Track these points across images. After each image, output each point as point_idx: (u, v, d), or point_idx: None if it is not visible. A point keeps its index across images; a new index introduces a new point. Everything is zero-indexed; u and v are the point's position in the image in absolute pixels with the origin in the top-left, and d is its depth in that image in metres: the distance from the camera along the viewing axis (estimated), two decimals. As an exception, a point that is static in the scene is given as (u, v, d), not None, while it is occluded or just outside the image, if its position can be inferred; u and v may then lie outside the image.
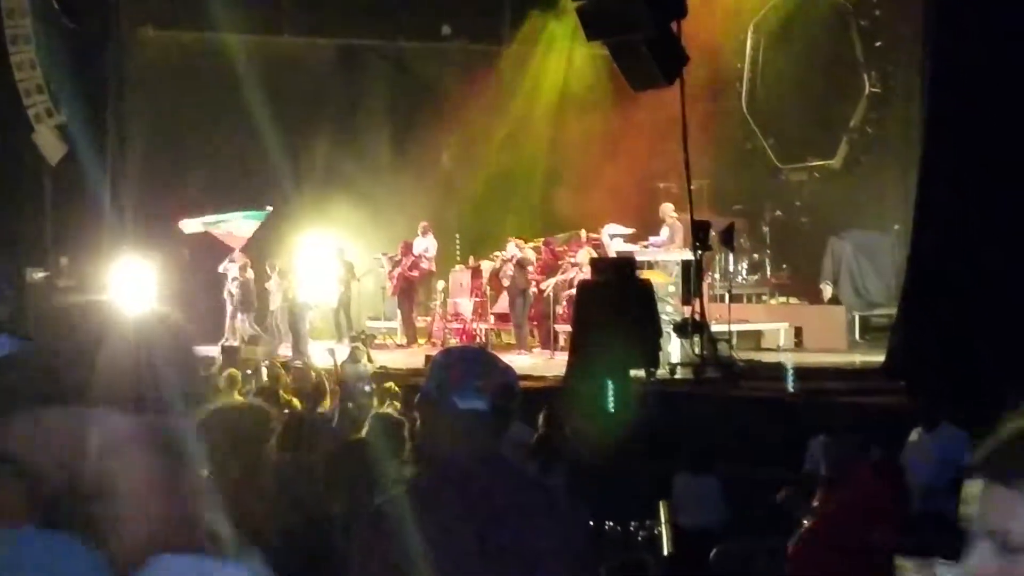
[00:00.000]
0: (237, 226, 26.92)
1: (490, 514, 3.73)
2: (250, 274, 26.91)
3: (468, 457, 3.83)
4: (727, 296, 20.88)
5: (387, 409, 10.35)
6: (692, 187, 18.95)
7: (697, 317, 17.78)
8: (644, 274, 19.60)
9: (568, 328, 21.06)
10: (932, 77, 15.79)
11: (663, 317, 18.49)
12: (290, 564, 5.60)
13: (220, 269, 27.01)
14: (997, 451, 2.12)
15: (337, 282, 26.53)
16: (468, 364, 3.94)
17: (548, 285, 23.26)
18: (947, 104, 15.34)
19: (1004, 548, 2.05)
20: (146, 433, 2.21)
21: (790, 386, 15.89)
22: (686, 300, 18.58)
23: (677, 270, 20.47)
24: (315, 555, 5.56)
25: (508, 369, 4.00)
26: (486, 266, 25.75)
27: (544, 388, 16.20)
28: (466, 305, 26.01)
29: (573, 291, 21.24)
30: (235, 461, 4.50)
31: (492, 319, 25.63)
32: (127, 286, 26.46)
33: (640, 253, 21.62)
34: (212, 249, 27.12)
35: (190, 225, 26.70)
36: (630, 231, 23.17)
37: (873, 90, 25.79)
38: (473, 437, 3.82)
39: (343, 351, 18.78)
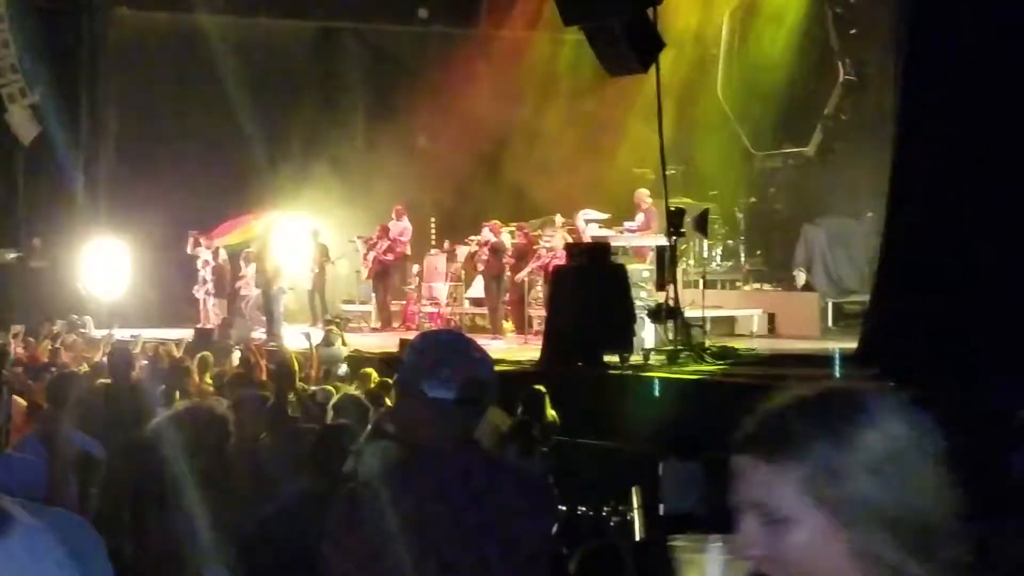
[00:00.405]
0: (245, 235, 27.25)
1: (466, 496, 3.75)
2: (223, 257, 26.90)
3: (442, 441, 3.83)
4: (701, 282, 20.92)
5: (355, 391, 10.32)
6: (667, 173, 18.97)
7: (671, 303, 17.81)
8: (619, 260, 19.63)
9: (543, 313, 21.10)
10: (906, 65, 15.82)
11: (637, 303, 18.51)
12: (267, 552, 5.64)
13: (188, 250, 26.97)
14: (758, 428, 2.21)
15: (312, 265, 26.52)
16: (440, 352, 3.91)
17: (523, 271, 23.27)
18: (920, 92, 15.38)
19: (768, 520, 2.14)
20: None
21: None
22: (660, 286, 18.58)
23: (652, 256, 20.50)
24: (289, 542, 5.57)
25: (482, 360, 3.96)
26: (461, 250, 25.78)
27: (519, 372, 16.21)
28: (441, 289, 26.04)
29: (548, 276, 21.28)
30: (202, 459, 4.51)
31: (467, 303, 25.66)
32: (100, 267, 26.45)
33: (615, 238, 21.64)
34: (185, 230, 27.09)
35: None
36: (605, 216, 23.19)
37: (848, 78, 25.85)
38: (443, 424, 3.82)
39: (318, 334, 18.78)
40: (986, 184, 14.10)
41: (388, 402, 9.84)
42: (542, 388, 12.66)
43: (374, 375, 13.28)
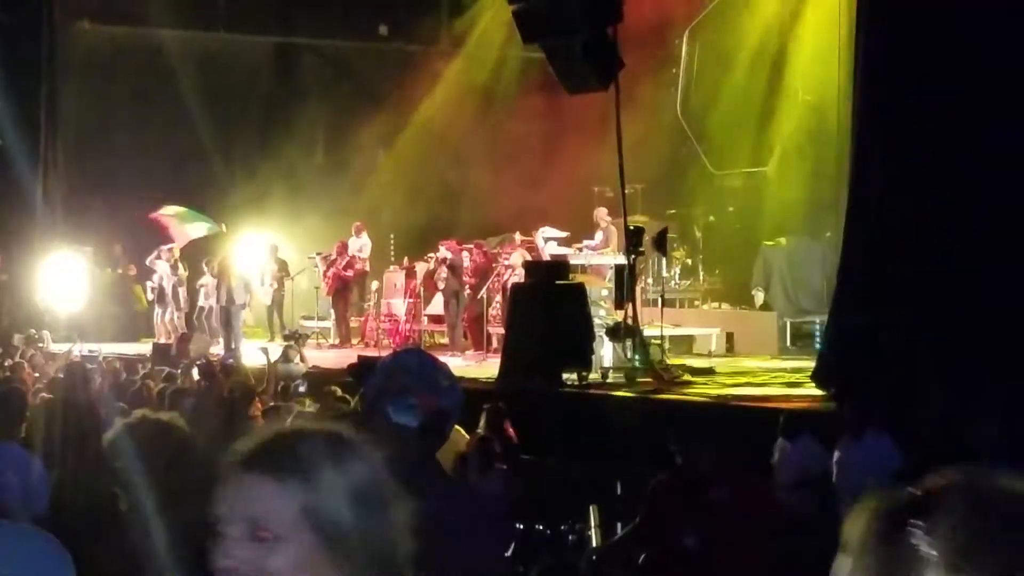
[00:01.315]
0: (191, 226, 26.85)
1: (423, 517, 3.75)
2: (181, 271, 26.81)
3: (400, 461, 3.83)
4: (660, 301, 20.97)
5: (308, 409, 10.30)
6: (626, 191, 19.02)
7: (630, 321, 17.85)
8: (578, 278, 19.66)
9: (501, 330, 21.11)
10: (863, 86, 15.93)
11: (596, 321, 18.54)
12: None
13: (147, 262, 26.86)
14: (269, 447, 2.30)
15: (271, 281, 26.47)
16: (408, 378, 3.88)
17: (482, 288, 23.28)
18: (878, 113, 15.48)
19: (258, 537, 2.21)
20: None
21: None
22: (619, 304, 18.63)
23: (611, 274, 20.54)
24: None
25: (450, 389, 3.92)
26: (420, 267, 25.77)
27: (477, 390, 16.21)
28: (399, 306, 26.03)
29: (507, 293, 21.30)
30: (158, 472, 4.49)
31: (425, 320, 25.65)
32: (58, 281, 26.32)
33: (574, 256, 21.68)
34: (144, 244, 26.99)
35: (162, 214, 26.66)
36: (564, 234, 23.24)
37: (806, 98, 25.95)
38: (403, 448, 3.81)
39: (276, 350, 18.73)
40: (943, 204, 14.21)
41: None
42: (502, 405, 12.66)
43: (338, 392, 13.24)
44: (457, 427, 11.09)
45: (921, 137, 14.52)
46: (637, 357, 17.60)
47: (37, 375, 17.41)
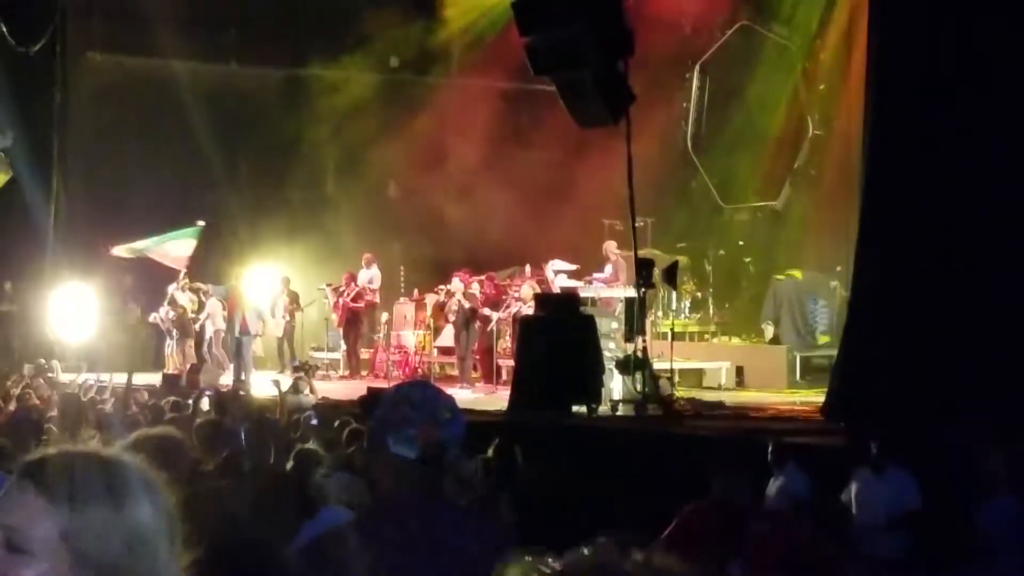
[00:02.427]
0: (173, 246, 26.76)
1: (429, 547, 3.75)
2: (189, 300, 26.84)
3: (406, 492, 3.83)
4: (670, 334, 20.95)
5: (312, 445, 10.27)
6: (637, 224, 19.01)
7: (639, 354, 17.82)
8: (588, 311, 19.65)
9: (511, 362, 21.08)
10: (874, 120, 15.94)
11: (606, 354, 18.52)
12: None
13: (168, 290, 26.88)
14: (49, 463, 2.25)
15: (282, 312, 26.47)
16: (412, 408, 3.88)
17: (492, 320, 23.26)
18: (887, 149, 15.49)
19: (10, 546, 2.17)
20: None
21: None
22: (629, 337, 18.61)
23: (620, 307, 20.53)
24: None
25: (451, 421, 3.90)
26: (430, 299, 25.77)
27: (486, 422, 16.18)
28: (409, 338, 26.03)
29: (517, 326, 21.29)
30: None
31: (435, 352, 25.63)
32: (69, 312, 26.34)
33: (584, 289, 21.68)
34: (153, 275, 27.00)
35: (120, 250, 26.52)
36: (574, 267, 23.25)
37: (816, 133, 26.00)
38: (404, 479, 3.82)
39: (286, 381, 18.71)
40: (952, 239, 14.20)
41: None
42: (511, 438, 12.62)
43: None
44: (465, 458, 11.08)
45: (934, 170, 14.53)
46: (646, 390, 17.56)
47: (39, 403, 17.48)
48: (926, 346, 14.14)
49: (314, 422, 15.47)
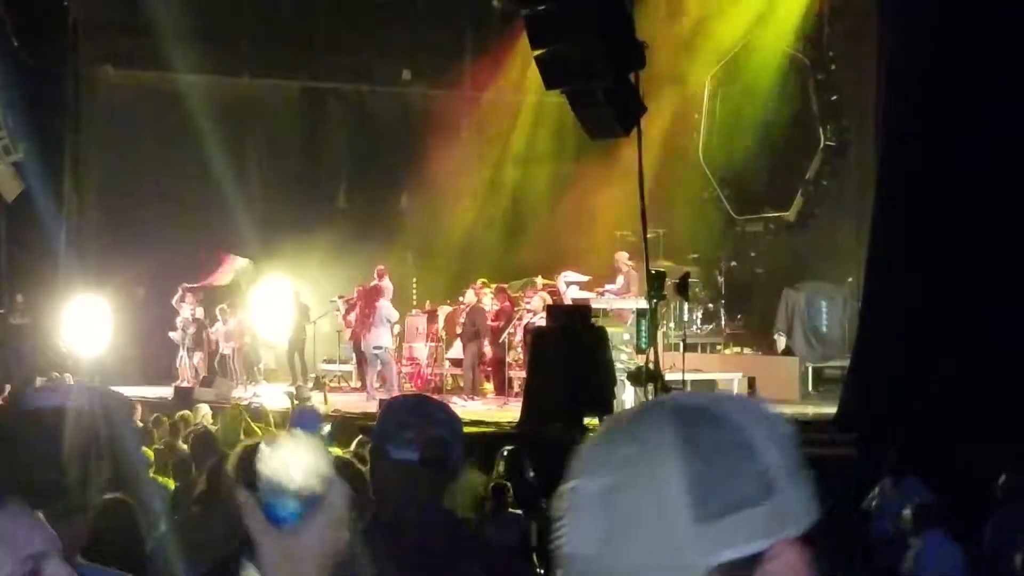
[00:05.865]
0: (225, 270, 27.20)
1: (424, 564, 3.74)
2: (200, 313, 26.89)
3: (405, 506, 3.83)
4: (681, 345, 20.94)
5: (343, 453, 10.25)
6: (648, 236, 19.01)
7: (651, 366, 17.81)
8: (599, 322, 19.66)
9: (523, 374, 21.08)
10: (886, 132, 15.94)
11: (617, 365, 18.52)
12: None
13: (173, 302, 26.93)
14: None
15: (293, 324, 26.49)
16: (404, 414, 3.90)
17: (504, 332, 23.26)
18: (899, 159, 15.49)
19: None
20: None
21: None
22: (640, 349, 18.61)
23: (632, 318, 20.53)
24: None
25: (446, 421, 3.93)
26: (442, 311, 25.78)
27: (498, 434, 16.20)
28: (421, 350, 26.02)
29: (528, 337, 21.29)
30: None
31: (447, 364, 25.63)
32: (81, 324, 26.37)
33: (596, 300, 21.68)
34: (166, 288, 27.05)
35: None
36: (586, 279, 23.25)
37: (828, 143, 25.99)
38: (409, 487, 3.83)
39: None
40: (965, 251, 14.19)
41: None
42: (521, 449, 12.64)
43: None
44: (476, 471, 11.09)
45: (942, 187, 14.53)
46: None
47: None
48: (938, 358, 14.13)
49: (325, 431, 15.43)
